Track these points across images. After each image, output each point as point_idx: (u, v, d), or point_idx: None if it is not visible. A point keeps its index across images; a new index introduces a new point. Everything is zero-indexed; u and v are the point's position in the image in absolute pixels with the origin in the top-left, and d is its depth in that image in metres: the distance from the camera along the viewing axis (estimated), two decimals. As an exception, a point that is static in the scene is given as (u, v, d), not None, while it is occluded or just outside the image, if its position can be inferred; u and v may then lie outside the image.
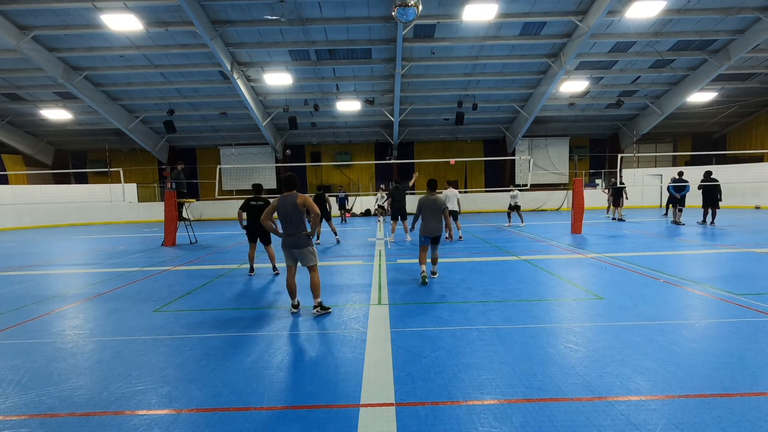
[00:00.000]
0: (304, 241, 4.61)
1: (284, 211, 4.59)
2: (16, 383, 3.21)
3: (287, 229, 4.60)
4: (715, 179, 12.91)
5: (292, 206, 4.53)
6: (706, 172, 13.20)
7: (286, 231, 4.62)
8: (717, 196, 12.80)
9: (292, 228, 4.58)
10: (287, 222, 4.59)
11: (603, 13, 13.72)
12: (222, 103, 20.98)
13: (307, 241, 4.63)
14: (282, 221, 4.65)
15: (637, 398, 2.73)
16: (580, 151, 26.93)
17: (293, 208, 4.54)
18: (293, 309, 4.83)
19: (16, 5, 13.58)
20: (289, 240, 4.63)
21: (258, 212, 6.94)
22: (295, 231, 4.58)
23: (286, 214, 4.58)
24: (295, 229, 4.58)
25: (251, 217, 7.07)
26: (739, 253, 7.91)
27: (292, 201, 4.54)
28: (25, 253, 11.04)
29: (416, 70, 18.41)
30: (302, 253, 4.64)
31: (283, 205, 4.58)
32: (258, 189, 7.25)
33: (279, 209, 4.62)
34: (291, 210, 4.55)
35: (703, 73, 18.48)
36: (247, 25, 14.99)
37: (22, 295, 6.17)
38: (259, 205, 7.05)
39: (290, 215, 4.56)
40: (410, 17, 11.91)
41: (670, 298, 5.00)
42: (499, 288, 5.73)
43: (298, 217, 4.57)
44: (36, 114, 21.38)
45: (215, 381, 3.15)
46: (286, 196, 4.61)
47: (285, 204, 4.57)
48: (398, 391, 2.90)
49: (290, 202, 4.54)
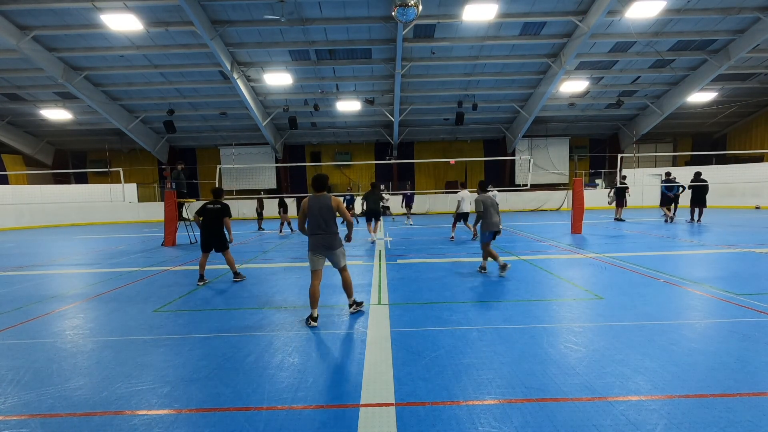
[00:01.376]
0: (337, 242, 4.51)
1: (317, 213, 4.41)
2: (16, 383, 3.21)
3: (318, 230, 4.43)
4: (704, 180, 13.35)
5: (327, 208, 4.41)
6: (696, 173, 13.68)
7: (316, 232, 4.44)
8: (704, 196, 13.34)
9: (325, 229, 4.42)
10: (318, 223, 4.42)
11: (603, 13, 13.73)
12: (222, 103, 20.99)
13: (340, 241, 4.55)
14: (312, 222, 4.47)
15: (637, 398, 2.73)
16: (580, 151, 26.94)
17: (327, 210, 4.41)
18: (312, 322, 4.35)
19: (16, 5, 13.58)
20: (320, 240, 4.43)
21: (213, 217, 6.65)
22: (327, 232, 4.43)
23: (320, 215, 4.40)
24: (327, 230, 4.43)
25: (205, 222, 6.67)
26: (739, 253, 7.91)
27: (326, 203, 4.41)
28: (25, 253, 11.04)
29: (416, 70, 18.42)
30: (335, 254, 4.52)
31: (315, 205, 4.42)
32: (216, 193, 6.90)
33: (311, 209, 4.44)
34: (325, 212, 4.41)
35: (703, 73, 18.49)
36: (247, 25, 14.99)
37: (22, 295, 6.17)
38: (216, 209, 6.66)
39: (324, 216, 4.41)
40: (410, 17, 11.91)
41: (670, 298, 5.00)
42: (499, 288, 5.74)
43: (332, 218, 4.45)
44: (36, 114, 21.39)
45: (215, 381, 3.15)
46: (318, 197, 4.45)
47: (318, 205, 4.41)
48: (398, 391, 2.90)
49: (324, 204, 4.41)
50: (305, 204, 4.48)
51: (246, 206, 23.52)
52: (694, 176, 13.61)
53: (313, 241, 4.47)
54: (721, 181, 20.01)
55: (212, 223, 6.68)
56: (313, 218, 4.44)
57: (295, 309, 5.06)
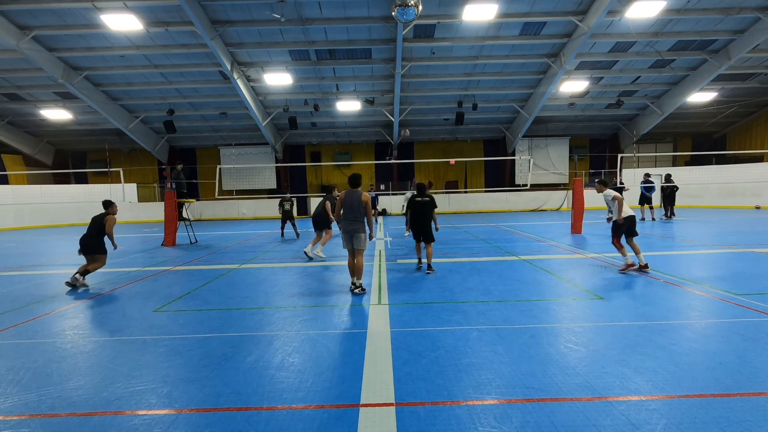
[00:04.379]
0: (362, 227, 5.69)
1: (350, 203, 5.68)
2: (16, 383, 3.21)
3: (349, 216, 5.65)
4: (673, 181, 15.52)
5: (357, 201, 5.64)
6: (666, 175, 15.64)
7: (347, 218, 5.66)
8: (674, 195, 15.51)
9: (353, 216, 5.64)
10: (350, 211, 5.66)
11: (603, 13, 13.72)
12: (222, 103, 20.98)
13: (363, 227, 5.71)
14: (347, 210, 5.70)
15: (637, 398, 2.73)
16: (580, 151, 26.94)
17: (358, 203, 5.64)
18: (356, 289, 5.66)
19: (16, 5, 13.57)
20: (349, 226, 5.67)
21: (94, 224, 6.75)
22: (355, 218, 5.65)
23: (351, 205, 5.67)
24: (355, 218, 5.65)
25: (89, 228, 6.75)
26: (739, 253, 7.91)
27: (357, 197, 5.67)
28: (25, 253, 11.04)
29: (416, 70, 18.41)
30: (358, 237, 5.63)
31: (350, 198, 5.70)
32: (105, 204, 6.91)
33: (345, 201, 5.70)
34: (356, 204, 5.65)
35: (703, 73, 18.47)
36: (247, 25, 14.99)
37: (22, 295, 6.17)
38: (98, 218, 6.76)
39: (354, 206, 5.66)
40: (410, 17, 11.91)
41: (670, 298, 5.00)
42: (499, 288, 5.74)
43: (359, 209, 5.65)
44: (36, 114, 21.39)
45: (215, 381, 3.15)
46: (353, 192, 5.74)
47: (352, 198, 5.70)
48: (398, 391, 2.90)
49: (356, 198, 5.66)
50: (342, 195, 5.77)
51: (246, 206, 23.53)
52: (665, 178, 15.50)
53: (344, 225, 5.70)
54: (721, 181, 20.03)
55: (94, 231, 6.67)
56: (347, 207, 5.68)
57: (294, 309, 5.06)
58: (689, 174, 21.12)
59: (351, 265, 5.72)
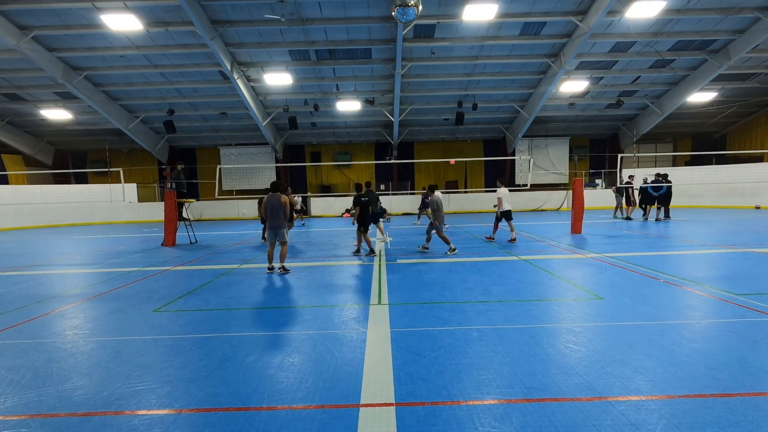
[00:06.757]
0: (283, 223, 7.15)
1: (272, 204, 7.09)
2: (16, 383, 3.21)
3: (272, 215, 7.10)
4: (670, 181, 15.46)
5: (278, 202, 7.10)
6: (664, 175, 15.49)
7: (271, 216, 7.11)
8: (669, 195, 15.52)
9: (276, 215, 7.09)
10: (273, 211, 7.10)
11: (603, 13, 13.72)
12: (222, 103, 20.98)
13: (284, 223, 7.18)
14: (270, 210, 7.11)
15: (637, 398, 2.73)
16: (580, 151, 26.94)
17: (279, 204, 7.10)
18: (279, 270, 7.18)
19: (16, 5, 13.58)
20: (273, 222, 7.12)
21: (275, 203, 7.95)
22: (277, 217, 7.09)
23: (273, 206, 7.10)
24: (277, 216, 7.09)
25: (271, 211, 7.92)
26: (739, 253, 7.91)
27: (278, 199, 7.11)
28: (25, 253, 11.04)
29: (416, 70, 18.42)
30: (281, 232, 7.11)
31: (272, 200, 7.12)
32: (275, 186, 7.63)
33: (269, 203, 7.10)
34: (277, 205, 7.10)
35: (703, 73, 18.48)
36: (247, 25, 14.99)
37: (22, 295, 6.17)
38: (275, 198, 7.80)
39: (275, 207, 7.10)
40: (410, 17, 11.91)
41: (670, 298, 5.00)
42: (499, 288, 5.74)
43: (280, 209, 7.12)
44: (36, 114, 21.38)
45: (215, 381, 3.15)
46: (273, 195, 7.16)
47: (273, 200, 7.12)
48: (398, 391, 2.90)
49: (277, 200, 7.11)
50: (266, 199, 7.17)
51: (246, 206, 23.53)
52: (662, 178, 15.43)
53: (269, 222, 7.18)
54: (721, 181, 20.04)
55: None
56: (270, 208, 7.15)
57: (294, 309, 5.06)
58: (689, 174, 21.15)
59: (271, 253, 7.21)
